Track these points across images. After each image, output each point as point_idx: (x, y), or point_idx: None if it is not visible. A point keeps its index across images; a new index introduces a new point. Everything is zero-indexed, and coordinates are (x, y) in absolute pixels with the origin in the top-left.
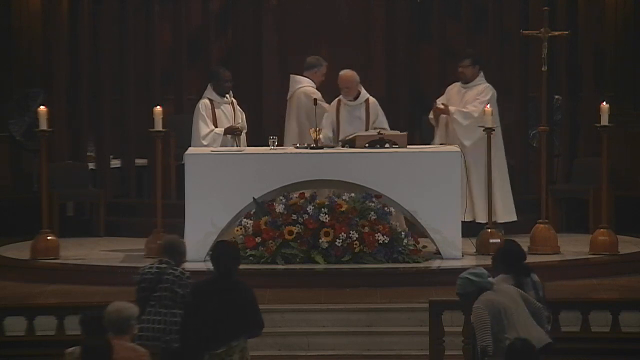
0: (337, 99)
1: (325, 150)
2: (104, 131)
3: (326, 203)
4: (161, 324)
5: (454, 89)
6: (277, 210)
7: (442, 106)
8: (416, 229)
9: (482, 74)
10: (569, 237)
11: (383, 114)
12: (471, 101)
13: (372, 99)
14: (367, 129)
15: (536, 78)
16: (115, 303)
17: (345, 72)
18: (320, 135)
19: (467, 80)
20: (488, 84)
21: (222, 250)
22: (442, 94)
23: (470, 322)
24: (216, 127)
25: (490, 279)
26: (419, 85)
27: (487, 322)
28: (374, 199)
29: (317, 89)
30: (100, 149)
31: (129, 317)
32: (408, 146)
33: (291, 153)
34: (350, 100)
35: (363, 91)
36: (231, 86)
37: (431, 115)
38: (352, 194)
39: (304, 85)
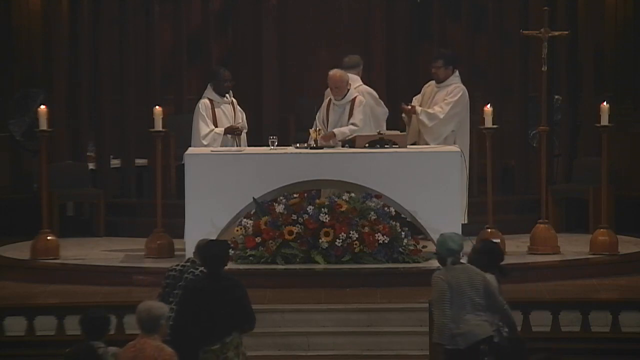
0: (327, 99)
1: (325, 150)
2: (104, 131)
3: (326, 203)
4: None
5: (429, 88)
6: (277, 210)
7: (408, 107)
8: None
9: (457, 73)
10: (569, 237)
11: (360, 112)
12: (440, 102)
13: (359, 98)
14: None
15: (536, 78)
16: (145, 302)
17: (335, 72)
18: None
19: (439, 80)
20: (459, 85)
21: (210, 248)
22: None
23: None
24: (216, 127)
25: (451, 259)
26: (419, 85)
27: (445, 295)
28: (374, 199)
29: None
30: (100, 149)
31: (159, 317)
32: (408, 146)
33: (291, 153)
34: (338, 100)
35: (351, 90)
36: (231, 86)
37: (404, 115)
38: (352, 194)
39: (361, 84)
